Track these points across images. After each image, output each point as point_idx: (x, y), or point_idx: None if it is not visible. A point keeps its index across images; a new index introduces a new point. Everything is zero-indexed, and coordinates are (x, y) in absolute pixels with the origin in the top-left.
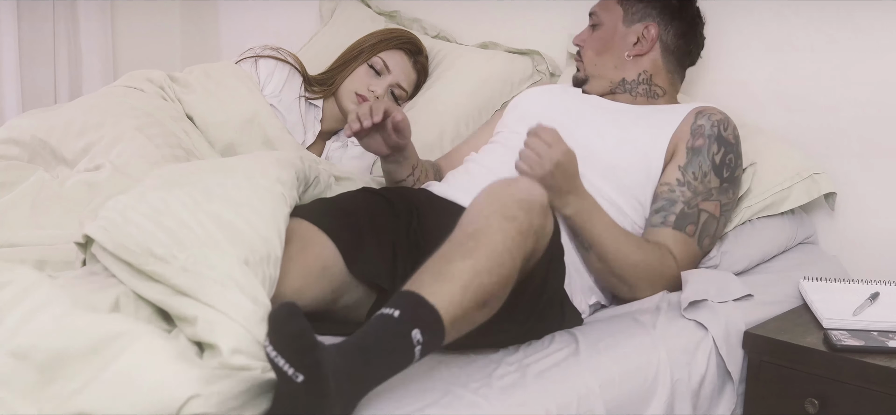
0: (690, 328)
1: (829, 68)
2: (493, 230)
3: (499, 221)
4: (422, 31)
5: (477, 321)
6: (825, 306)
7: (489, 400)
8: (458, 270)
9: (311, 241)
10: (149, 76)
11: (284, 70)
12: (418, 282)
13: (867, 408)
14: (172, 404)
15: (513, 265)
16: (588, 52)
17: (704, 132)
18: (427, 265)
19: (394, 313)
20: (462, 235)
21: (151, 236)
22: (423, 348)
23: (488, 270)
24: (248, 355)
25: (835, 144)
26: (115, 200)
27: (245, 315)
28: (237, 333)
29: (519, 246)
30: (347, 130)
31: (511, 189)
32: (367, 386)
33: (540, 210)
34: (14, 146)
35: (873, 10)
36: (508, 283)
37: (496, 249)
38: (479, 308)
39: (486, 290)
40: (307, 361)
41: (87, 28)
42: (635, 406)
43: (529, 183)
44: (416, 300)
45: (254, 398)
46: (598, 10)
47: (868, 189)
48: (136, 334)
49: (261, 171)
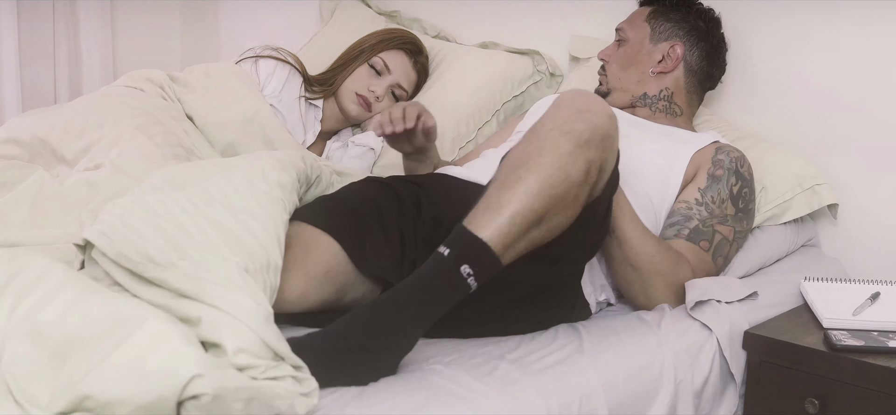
0: (695, 329)
1: (831, 70)
2: (547, 149)
3: (554, 137)
4: (422, 31)
5: (536, 241)
6: (825, 306)
7: (489, 397)
8: (506, 199)
9: (312, 245)
10: (149, 76)
11: (285, 70)
12: (472, 215)
13: (867, 408)
14: (177, 382)
15: (567, 183)
16: (612, 67)
17: (724, 165)
18: (486, 193)
19: (444, 252)
20: (518, 157)
21: (151, 243)
22: (476, 278)
23: (538, 192)
24: (252, 354)
25: (837, 145)
26: (115, 204)
27: (248, 314)
28: (241, 332)
29: (574, 160)
30: (378, 128)
31: (571, 98)
32: (422, 323)
33: (602, 115)
34: (14, 146)
35: (879, 9)
36: (565, 199)
37: (546, 170)
38: (533, 229)
39: (537, 213)
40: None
41: (87, 28)
42: (638, 406)
43: (590, 94)
44: (466, 236)
45: (257, 395)
46: (626, 27)
47: (869, 190)
48: (144, 317)
49: (261, 174)
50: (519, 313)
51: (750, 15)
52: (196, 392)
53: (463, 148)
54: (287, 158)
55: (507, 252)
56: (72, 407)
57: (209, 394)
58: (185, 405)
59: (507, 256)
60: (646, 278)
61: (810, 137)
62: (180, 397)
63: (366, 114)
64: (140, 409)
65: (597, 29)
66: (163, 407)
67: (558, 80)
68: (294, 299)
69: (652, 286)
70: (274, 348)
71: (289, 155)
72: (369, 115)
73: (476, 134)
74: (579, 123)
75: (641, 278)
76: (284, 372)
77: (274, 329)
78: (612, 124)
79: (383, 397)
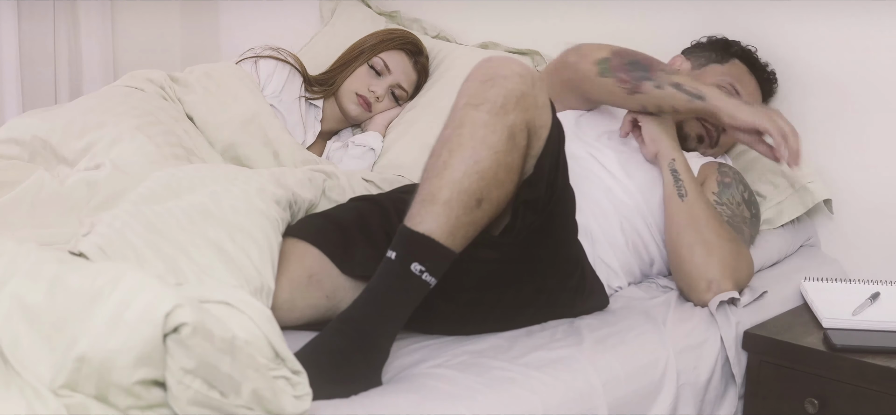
0: (700, 329)
1: (830, 66)
2: (465, 126)
3: (468, 113)
4: (422, 31)
5: (481, 221)
6: (825, 306)
7: (487, 395)
8: (436, 187)
9: (292, 253)
10: (149, 76)
11: (285, 70)
12: (410, 212)
13: (867, 408)
14: (158, 317)
15: (491, 155)
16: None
17: (730, 174)
18: (418, 189)
19: (392, 255)
20: (439, 142)
21: (149, 264)
22: (431, 272)
23: (465, 171)
24: (255, 348)
25: (834, 144)
26: (112, 215)
27: (255, 311)
28: (248, 326)
29: (494, 130)
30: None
31: (479, 68)
32: (389, 331)
33: (512, 77)
34: (14, 146)
35: (876, 6)
36: (495, 170)
37: (466, 148)
38: (474, 209)
39: (471, 192)
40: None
41: (87, 28)
42: (639, 406)
43: (500, 57)
44: (407, 234)
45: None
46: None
47: (869, 190)
48: (122, 273)
49: (258, 189)
50: (528, 304)
51: (747, 14)
52: (177, 323)
53: None
54: (283, 175)
55: (455, 239)
56: (71, 377)
57: (189, 323)
58: (168, 344)
59: (456, 242)
60: (713, 243)
61: (808, 137)
62: (165, 331)
63: (366, 114)
64: (135, 361)
65: (597, 29)
66: (153, 352)
67: None
68: (280, 305)
69: (717, 252)
70: (276, 347)
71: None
72: (369, 115)
73: None
74: (490, 90)
75: (707, 245)
76: (283, 374)
77: (277, 329)
78: (524, 82)
79: (379, 397)
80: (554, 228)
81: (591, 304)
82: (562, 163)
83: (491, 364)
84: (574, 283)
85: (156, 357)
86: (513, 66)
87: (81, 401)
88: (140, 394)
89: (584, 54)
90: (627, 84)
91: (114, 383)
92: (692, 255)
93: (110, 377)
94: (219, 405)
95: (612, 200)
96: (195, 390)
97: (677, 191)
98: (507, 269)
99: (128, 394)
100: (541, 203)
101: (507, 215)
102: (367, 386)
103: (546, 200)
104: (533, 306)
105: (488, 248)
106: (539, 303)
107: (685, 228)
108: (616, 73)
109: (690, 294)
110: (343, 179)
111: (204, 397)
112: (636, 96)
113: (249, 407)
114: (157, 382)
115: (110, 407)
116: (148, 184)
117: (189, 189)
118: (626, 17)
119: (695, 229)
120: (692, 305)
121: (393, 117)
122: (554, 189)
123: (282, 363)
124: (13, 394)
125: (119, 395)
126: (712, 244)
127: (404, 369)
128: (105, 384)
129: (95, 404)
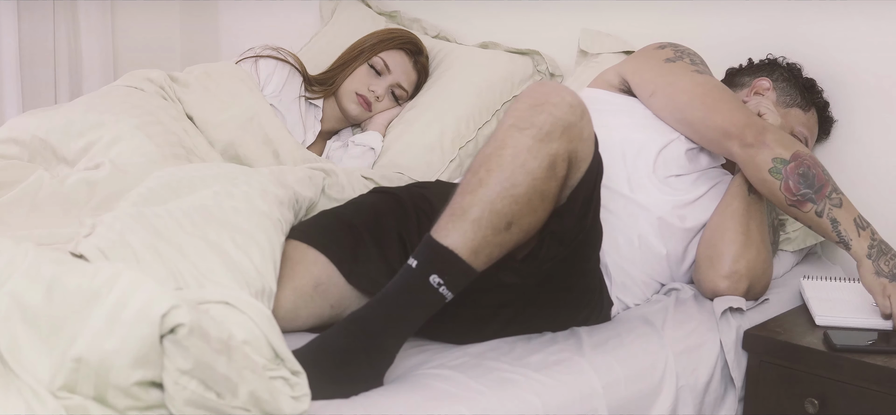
0: (700, 332)
1: (830, 64)
2: (507, 147)
3: (513, 134)
4: (422, 31)
5: (508, 244)
6: (821, 305)
7: (487, 397)
8: (468, 203)
9: (299, 260)
10: (149, 76)
11: (285, 70)
12: (438, 223)
13: (867, 408)
14: (155, 317)
15: (529, 181)
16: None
17: (762, 200)
18: (451, 198)
19: (413, 263)
20: (479, 158)
21: (149, 269)
22: (449, 287)
23: (499, 193)
24: (255, 348)
25: (837, 143)
26: (113, 216)
27: (256, 312)
28: (248, 326)
29: (535, 156)
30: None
31: (531, 91)
32: (397, 336)
33: (562, 106)
34: (14, 146)
35: (875, 5)
36: (530, 197)
37: (506, 169)
38: (503, 232)
39: (502, 215)
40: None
41: (87, 28)
42: (639, 408)
43: (553, 84)
44: (432, 245)
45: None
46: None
47: (870, 188)
48: (118, 273)
49: (260, 189)
50: (537, 327)
51: (744, 14)
52: (173, 324)
53: (463, 148)
54: (283, 174)
55: (478, 258)
56: (70, 378)
57: (186, 324)
58: (164, 345)
59: (480, 261)
60: (758, 242)
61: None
62: (161, 331)
63: (366, 114)
64: (132, 362)
65: (597, 29)
66: (150, 353)
67: (558, 79)
68: (284, 314)
69: (759, 252)
70: (275, 347)
71: (289, 178)
72: (369, 114)
73: (476, 134)
74: (538, 115)
75: (755, 246)
76: (281, 374)
77: (277, 329)
78: (574, 113)
79: (379, 397)
80: (577, 261)
81: (593, 320)
82: (595, 198)
83: (492, 366)
84: (586, 313)
85: (153, 358)
86: (564, 94)
87: (80, 402)
88: (139, 395)
89: (767, 143)
90: (791, 197)
91: (112, 384)
92: (734, 238)
93: (108, 378)
94: (215, 406)
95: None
96: (191, 391)
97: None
98: (525, 295)
99: (126, 395)
100: (568, 235)
101: (532, 241)
102: (367, 387)
103: (574, 233)
104: (541, 328)
105: (510, 272)
106: (548, 327)
107: (740, 215)
108: (787, 179)
109: (707, 270)
110: (342, 176)
111: (200, 398)
112: (793, 209)
113: (246, 408)
114: (155, 383)
115: (109, 409)
116: (148, 184)
117: (189, 189)
118: (627, 17)
119: (746, 220)
120: (691, 308)
121: (393, 117)
122: (583, 224)
123: (281, 364)
124: (12, 395)
125: (118, 396)
126: (753, 241)
127: (405, 370)
128: (103, 385)
129: (94, 405)
